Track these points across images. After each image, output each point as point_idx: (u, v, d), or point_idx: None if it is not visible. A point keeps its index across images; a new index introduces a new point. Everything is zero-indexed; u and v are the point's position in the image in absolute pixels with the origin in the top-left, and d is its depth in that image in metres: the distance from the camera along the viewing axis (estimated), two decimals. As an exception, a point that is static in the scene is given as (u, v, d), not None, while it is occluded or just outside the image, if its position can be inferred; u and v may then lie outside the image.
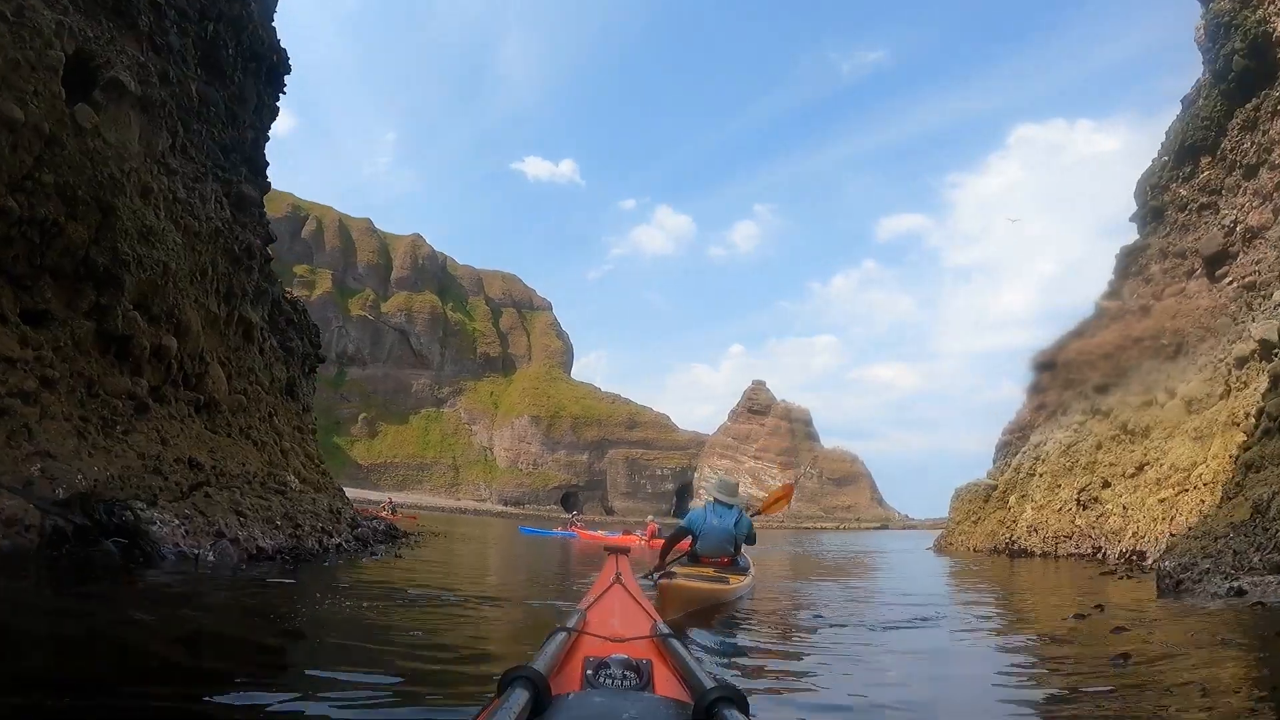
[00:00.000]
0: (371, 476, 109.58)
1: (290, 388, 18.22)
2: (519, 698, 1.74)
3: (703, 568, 9.49)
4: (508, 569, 16.25)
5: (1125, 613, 8.63)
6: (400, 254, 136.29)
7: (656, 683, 2.21)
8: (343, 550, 12.66)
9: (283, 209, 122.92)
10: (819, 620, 7.88)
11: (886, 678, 5.14)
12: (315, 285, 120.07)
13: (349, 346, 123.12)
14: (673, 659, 2.45)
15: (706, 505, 10.07)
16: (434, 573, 12.51)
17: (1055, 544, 26.28)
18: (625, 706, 1.88)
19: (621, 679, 2.21)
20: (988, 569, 20.95)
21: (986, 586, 15.27)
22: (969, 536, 34.75)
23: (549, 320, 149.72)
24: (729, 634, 6.36)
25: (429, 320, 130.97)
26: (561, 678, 2.27)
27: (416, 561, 13.97)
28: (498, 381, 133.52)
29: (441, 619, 6.96)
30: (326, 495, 15.70)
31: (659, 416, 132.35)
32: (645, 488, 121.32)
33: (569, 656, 2.49)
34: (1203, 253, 28.05)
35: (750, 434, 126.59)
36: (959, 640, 6.87)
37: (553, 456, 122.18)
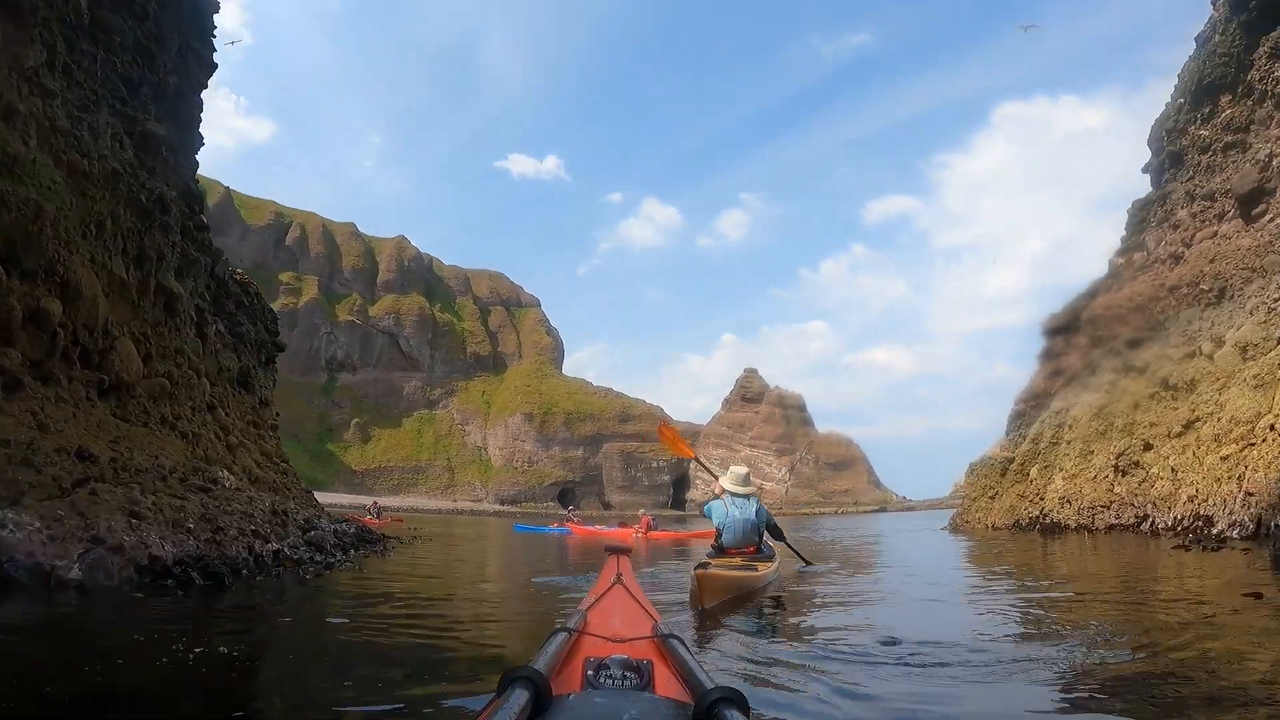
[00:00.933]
0: (366, 482, 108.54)
1: (244, 379, 16.76)
2: (519, 698, 1.77)
3: (730, 558, 9.74)
4: (497, 575, 13.85)
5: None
6: (386, 257, 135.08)
7: (657, 683, 2.22)
8: (283, 559, 9.98)
9: (266, 217, 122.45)
10: (861, 630, 6.13)
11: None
12: (302, 292, 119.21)
13: (338, 352, 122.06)
14: (673, 659, 2.40)
15: (725, 498, 10.26)
16: (391, 589, 9.68)
17: (1092, 515, 24.13)
18: (626, 707, 1.90)
19: (622, 679, 2.21)
20: (1018, 549, 18.74)
21: (1030, 571, 12.76)
22: (986, 513, 32.56)
23: (538, 317, 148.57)
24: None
25: (417, 322, 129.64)
26: (562, 678, 2.28)
27: (380, 573, 11.59)
28: (489, 381, 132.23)
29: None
30: (282, 496, 14.01)
31: (652, 409, 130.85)
32: (641, 481, 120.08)
33: (570, 657, 2.47)
34: (1236, 191, 26.32)
35: (745, 422, 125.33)
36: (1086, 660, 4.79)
37: (547, 453, 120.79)
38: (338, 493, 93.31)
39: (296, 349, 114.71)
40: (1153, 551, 15.42)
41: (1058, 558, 15.75)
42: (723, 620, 6.56)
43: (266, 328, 20.68)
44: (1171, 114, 32.10)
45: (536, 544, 24.17)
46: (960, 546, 22.31)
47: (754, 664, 4.73)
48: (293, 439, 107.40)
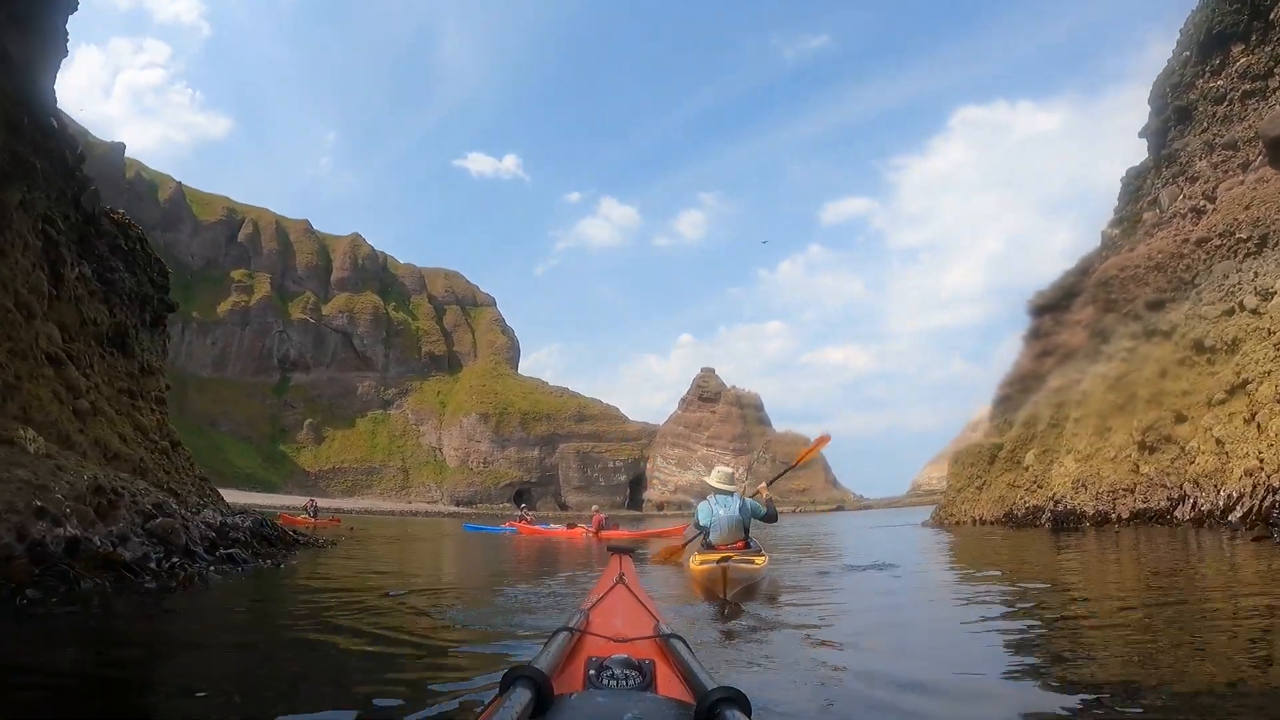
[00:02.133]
0: (320, 483, 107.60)
1: (120, 339, 14.74)
2: (521, 697, 1.76)
3: (714, 554, 9.77)
4: (414, 583, 11.13)
5: None
6: (340, 254, 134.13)
7: (659, 683, 2.21)
8: (89, 554, 7.03)
9: (217, 213, 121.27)
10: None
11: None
12: (254, 290, 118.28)
13: (291, 351, 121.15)
14: (675, 659, 2.38)
15: (710, 498, 10.69)
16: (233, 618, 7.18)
17: (1112, 500, 21.59)
18: (627, 707, 1.90)
19: (624, 679, 2.20)
20: (1026, 550, 15.56)
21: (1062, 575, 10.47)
22: (973, 505, 30.36)
23: (493, 316, 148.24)
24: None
25: (371, 321, 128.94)
26: (564, 678, 2.27)
27: (263, 591, 9.61)
28: (444, 380, 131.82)
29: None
30: (148, 481, 12.22)
31: (608, 408, 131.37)
32: (598, 480, 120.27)
33: (571, 656, 2.47)
34: (1265, 134, 24.88)
35: (701, 422, 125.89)
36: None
37: (503, 454, 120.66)
38: (291, 495, 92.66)
39: (249, 348, 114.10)
40: (1213, 544, 13.14)
41: (1101, 563, 12.37)
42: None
43: (153, 281, 17.60)
44: (1176, 69, 31.07)
45: (480, 545, 23.44)
46: (946, 541, 20.73)
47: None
48: (245, 440, 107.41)
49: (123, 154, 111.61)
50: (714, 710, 1.68)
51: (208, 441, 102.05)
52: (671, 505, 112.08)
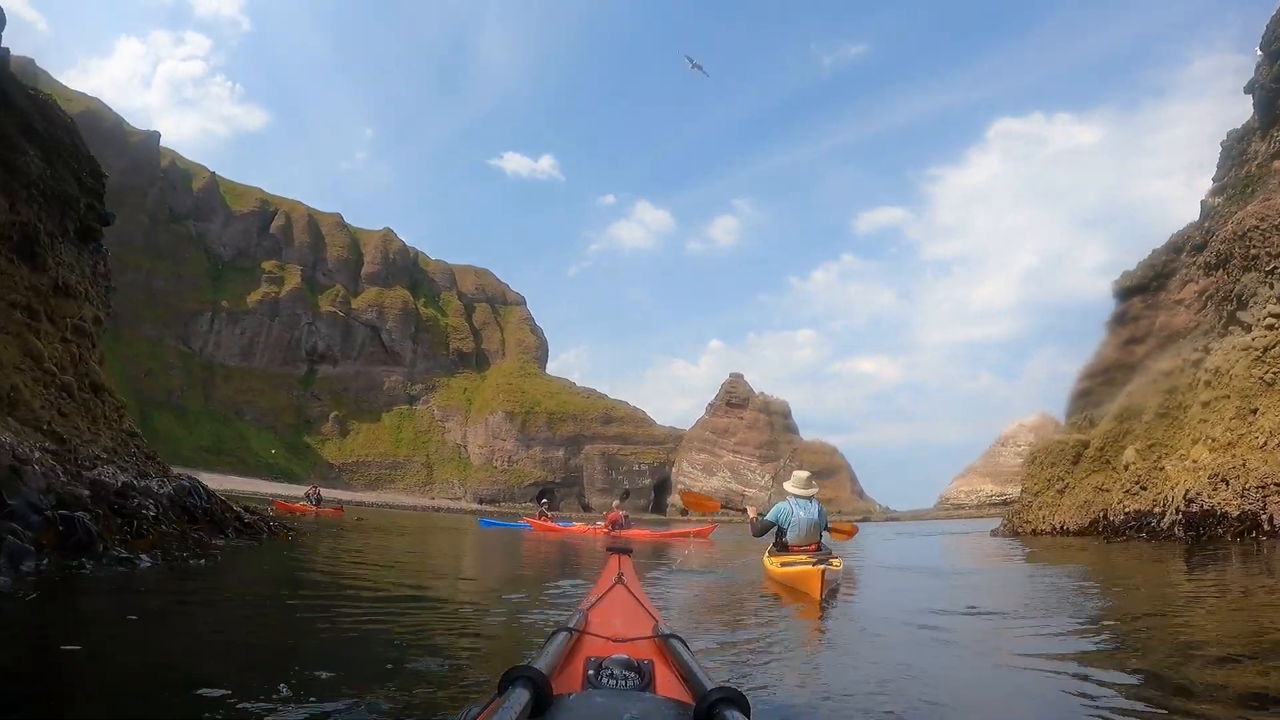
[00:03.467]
0: (344, 476, 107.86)
1: (26, 243, 12.03)
2: (520, 697, 1.76)
3: (796, 555, 10.59)
4: (371, 586, 9.59)
5: None
6: (371, 249, 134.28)
7: (658, 683, 2.22)
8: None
9: (250, 204, 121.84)
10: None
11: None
12: (284, 281, 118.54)
13: (319, 343, 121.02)
14: (674, 660, 2.40)
15: (790, 500, 11.21)
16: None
17: (1263, 498, 17.80)
18: (626, 707, 1.89)
19: (623, 679, 2.21)
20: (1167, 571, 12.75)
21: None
22: (1052, 511, 27.12)
23: (523, 315, 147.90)
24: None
25: (400, 316, 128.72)
26: (563, 678, 2.28)
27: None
28: (471, 378, 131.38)
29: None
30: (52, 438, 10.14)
31: (635, 411, 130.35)
32: (622, 483, 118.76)
33: (570, 656, 2.48)
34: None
35: (729, 427, 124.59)
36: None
37: (528, 453, 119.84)
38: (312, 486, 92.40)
39: (277, 338, 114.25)
40: None
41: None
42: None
43: (81, 182, 14.27)
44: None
45: (485, 541, 23.03)
46: (1023, 551, 18.80)
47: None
48: (269, 429, 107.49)
49: (158, 142, 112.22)
50: (713, 710, 1.70)
51: (233, 430, 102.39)
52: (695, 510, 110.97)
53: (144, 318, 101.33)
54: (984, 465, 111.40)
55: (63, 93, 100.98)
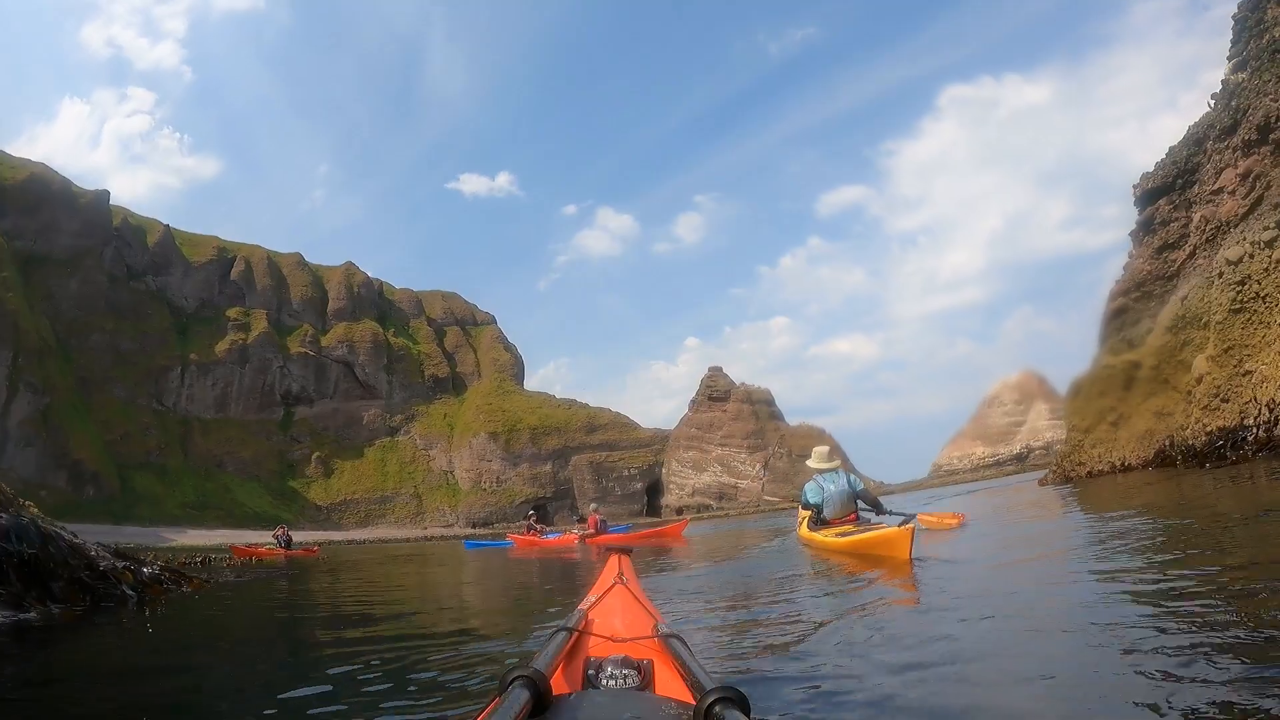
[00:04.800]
0: (333, 516, 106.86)
1: None
2: (519, 697, 1.78)
3: (832, 529, 10.69)
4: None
5: None
6: (335, 285, 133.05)
7: (657, 683, 2.27)
8: None
9: (208, 253, 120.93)
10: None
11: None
12: (251, 327, 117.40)
13: (293, 385, 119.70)
14: (674, 659, 2.38)
15: (816, 478, 11.46)
16: None
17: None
18: (626, 706, 1.96)
19: (622, 679, 2.25)
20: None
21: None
22: (1108, 448, 24.03)
23: (495, 334, 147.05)
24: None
25: (372, 349, 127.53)
26: (562, 678, 2.33)
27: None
28: (450, 402, 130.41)
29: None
30: None
31: (618, 417, 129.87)
32: (614, 490, 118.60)
33: (570, 656, 2.52)
34: None
35: (714, 422, 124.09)
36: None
37: (515, 471, 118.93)
38: (303, 530, 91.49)
39: (250, 385, 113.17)
40: None
41: None
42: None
43: None
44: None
45: (457, 564, 21.67)
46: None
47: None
48: (253, 479, 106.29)
49: (108, 201, 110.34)
50: (713, 710, 1.70)
51: (216, 483, 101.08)
52: (690, 509, 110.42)
53: (114, 379, 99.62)
54: (973, 429, 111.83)
55: (5, 160, 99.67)
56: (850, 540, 9.76)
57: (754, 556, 13.78)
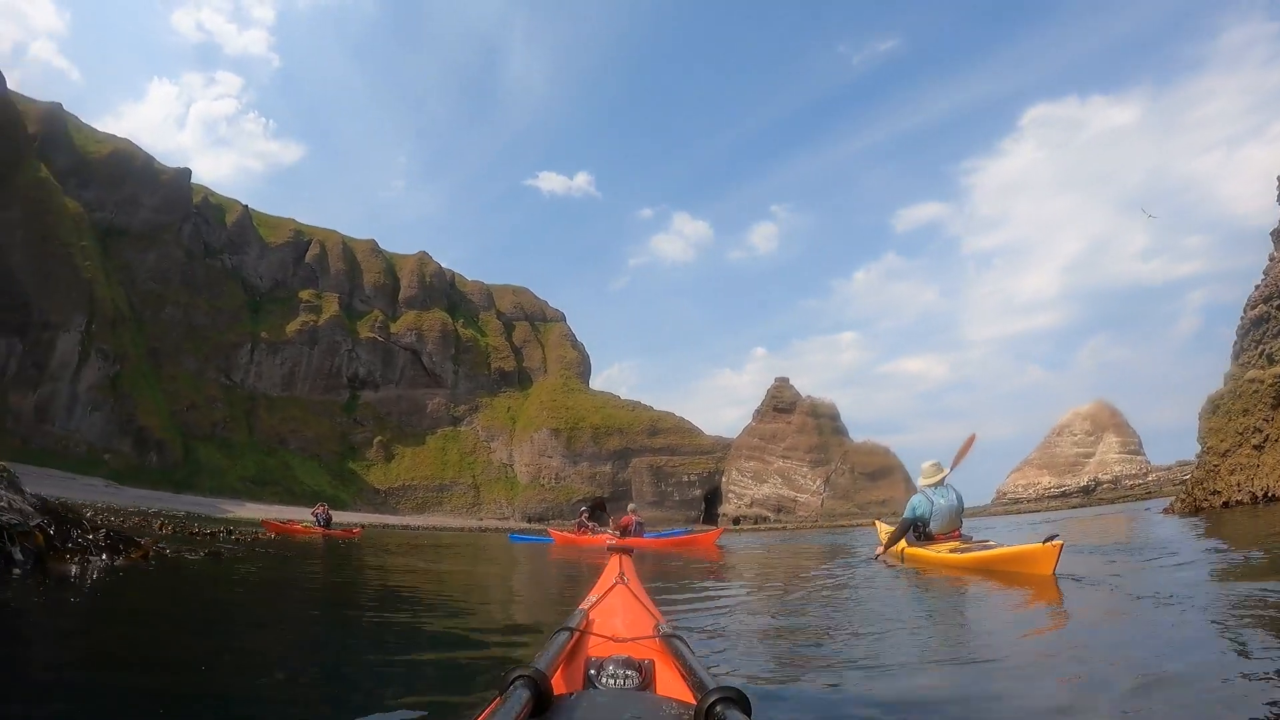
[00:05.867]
0: (390, 500, 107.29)
1: None
2: (520, 697, 1.80)
3: (941, 544, 10.59)
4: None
5: None
6: (407, 273, 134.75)
7: (658, 683, 2.27)
8: None
9: (285, 235, 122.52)
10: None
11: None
12: (322, 310, 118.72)
13: (359, 369, 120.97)
14: (675, 659, 2.39)
15: (924, 491, 11.18)
16: None
17: None
18: (627, 706, 1.97)
19: (623, 679, 2.26)
20: None
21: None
22: (1248, 475, 19.99)
23: (563, 331, 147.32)
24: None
25: (440, 338, 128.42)
26: (563, 678, 2.34)
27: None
28: (514, 396, 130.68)
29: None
30: None
31: (682, 422, 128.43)
32: (672, 495, 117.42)
33: (571, 656, 2.53)
34: None
35: (777, 433, 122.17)
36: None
37: (575, 469, 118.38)
38: (360, 512, 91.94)
39: (317, 366, 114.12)
40: None
41: None
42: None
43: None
44: None
45: (493, 561, 19.03)
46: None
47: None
48: (314, 458, 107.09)
49: (189, 179, 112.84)
50: (713, 710, 1.72)
51: (277, 460, 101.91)
52: (748, 519, 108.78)
53: (184, 351, 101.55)
54: (1040, 457, 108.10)
55: (91, 135, 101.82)
56: (978, 556, 9.48)
57: (849, 581, 12.11)
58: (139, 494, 67.57)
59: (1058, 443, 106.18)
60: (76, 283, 79.55)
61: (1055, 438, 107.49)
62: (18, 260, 75.46)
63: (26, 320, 74.51)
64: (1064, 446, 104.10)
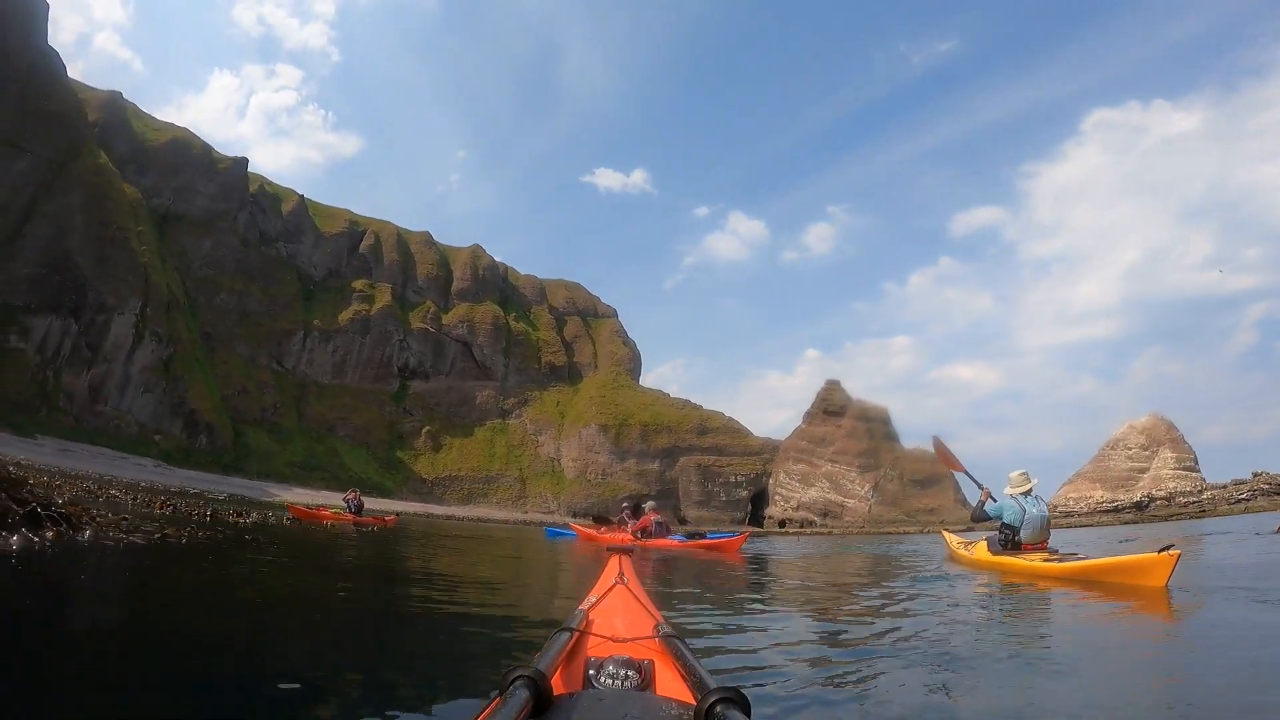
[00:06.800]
0: (436, 490, 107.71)
1: None
2: (520, 697, 1.80)
3: (1031, 554, 10.38)
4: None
5: None
6: (460, 265, 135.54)
7: (658, 683, 2.27)
8: None
9: (339, 225, 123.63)
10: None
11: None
12: (375, 300, 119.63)
13: (410, 359, 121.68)
14: (675, 659, 2.40)
15: (1016, 498, 10.98)
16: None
17: None
18: (626, 707, 1.95)
19: (623, 679, 2.25)
20: None
21: None
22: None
23: (614, 327, 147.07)
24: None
25: (491, 331, 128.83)
26: (563, 678, 2.33)
27: None
28: (563, 391, 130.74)
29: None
30: None
31: (730, 422, 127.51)
32: (719, 495, 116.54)
33: (571, 657, 2.52)
34: None
35: (826, 436, 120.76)
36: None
37: (622, 465, 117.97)
38: (406, 501, 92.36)
39: (369, 356, 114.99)
40: None
41: None
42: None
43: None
44: None
45: (518, 558, 17.68)
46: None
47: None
48: (362, 445, 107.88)
49: (246, 168, 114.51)
50: (713, 710, 1.72)
51: (326, 446, 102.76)
52: (794, 523, 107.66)
53: (237, 337, 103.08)
54: (1093, 471, 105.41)
55: (151, 123, 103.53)
56: (1080, 565, 9.17)
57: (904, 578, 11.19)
58: (188, 475, 68.25)
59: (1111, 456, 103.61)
60: (133, 267, 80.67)
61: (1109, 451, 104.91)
62: (76, 244, 76.66)
63: (82, 302, 75.60)
64: (1118, 460, 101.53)
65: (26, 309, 72.11)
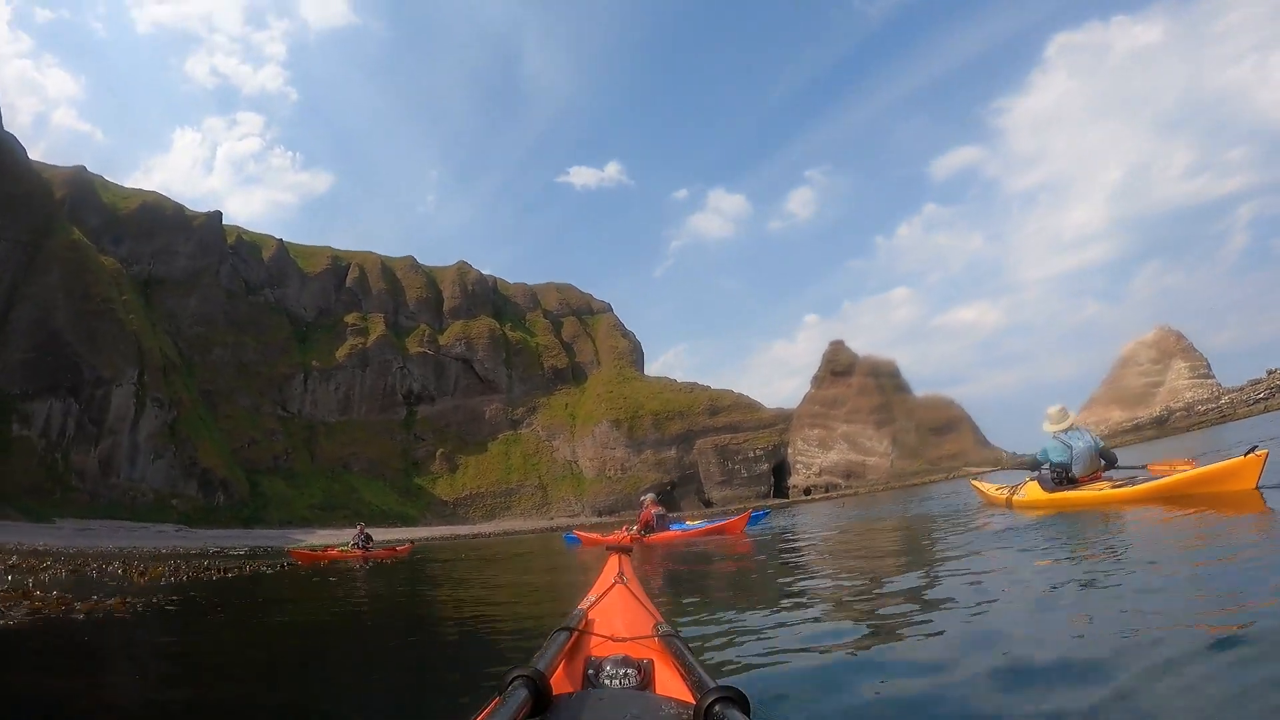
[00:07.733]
0: (459, 511, 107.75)
1: None
2: (519, 697, 1.81)
3: (1090, 486, 10.21)
4: None
5: None
6: (448, 284, 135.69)
7: (657, 682, 2.28)
8: None
9: (323, 262, 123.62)
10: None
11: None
12: (369, 331, 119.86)
13: (413, 385, 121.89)
14: (674, 659, 2.41)
15: (1057, 437, 10.70)
16: None
17: None
18: (626, 706, 1.99)
19: (622, 678, 2.26)
20: None
21: None
22: None
23: (611, 322, 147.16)
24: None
25: (489, 344, 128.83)
26: (563, 677, 2.35)
27: None
28: (570, 392, 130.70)
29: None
30: None
31: (741, 398, 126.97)
32: (740, 473, 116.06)
33: (570, 656, 2.54)
34: None
35: (838, 397, 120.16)
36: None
37: (639, 457, 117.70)
38: (430, 526, 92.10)
39: (371, 388, 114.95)
40: None
41: None
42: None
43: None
44: None
45: (528, 570, 16.46)
46: None
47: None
48: (378, 478, 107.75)
49: (220, 221, 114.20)
50: (713, 710, 1.73)
51: (343, 484, 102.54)
52: (818, 488, 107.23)
53: (238, 389, 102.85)
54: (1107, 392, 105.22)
55: (119, 192, 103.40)
56: (1156, 485, 8.91)
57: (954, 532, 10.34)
58: (210, 535, 68.04)
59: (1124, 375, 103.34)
60: (123, 336, 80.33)
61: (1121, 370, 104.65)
62: (63, 322, 76.35)
63: (79, 379, 75.28)
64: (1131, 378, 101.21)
65: (24, 395, 71.80)
